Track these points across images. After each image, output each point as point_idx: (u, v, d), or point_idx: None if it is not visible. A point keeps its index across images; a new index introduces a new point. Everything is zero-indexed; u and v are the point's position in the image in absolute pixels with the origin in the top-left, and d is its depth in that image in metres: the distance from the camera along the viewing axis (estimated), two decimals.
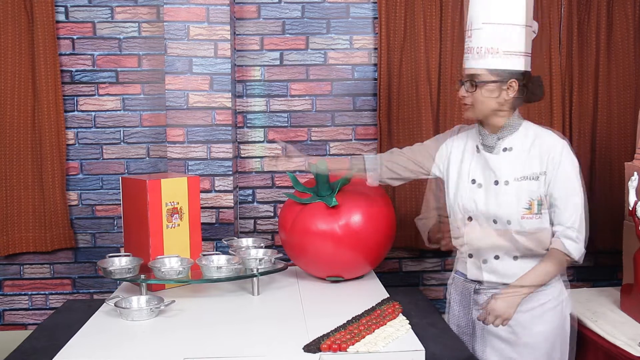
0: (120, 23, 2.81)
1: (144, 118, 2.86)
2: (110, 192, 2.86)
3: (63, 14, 2.80)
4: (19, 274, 2.85)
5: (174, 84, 2.67)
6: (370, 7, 2.86)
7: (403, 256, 2.93)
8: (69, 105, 2.83)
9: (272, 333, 1.77)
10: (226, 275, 2.09)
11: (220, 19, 2.65)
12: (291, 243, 2.30)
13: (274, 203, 2.92)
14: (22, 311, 2.87)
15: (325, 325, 1.78)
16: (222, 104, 2.69)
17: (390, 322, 1.83)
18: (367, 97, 2.89)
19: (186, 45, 2.66)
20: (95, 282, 2.88)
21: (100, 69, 2.83)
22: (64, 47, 2.81)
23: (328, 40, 2.87)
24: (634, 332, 2.04)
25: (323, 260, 2.25)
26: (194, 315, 1.94)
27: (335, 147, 2.90)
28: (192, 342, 1.70)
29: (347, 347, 1.63)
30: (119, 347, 1.68)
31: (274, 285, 2.27)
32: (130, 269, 2.08)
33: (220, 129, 2.70)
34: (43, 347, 1.75)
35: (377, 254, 2.30)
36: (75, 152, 2.85)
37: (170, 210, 2.17)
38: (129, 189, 2.24)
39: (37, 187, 2.77)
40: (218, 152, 2.70)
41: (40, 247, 2.78)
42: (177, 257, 2.13)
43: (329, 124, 2.90)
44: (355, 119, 2.90)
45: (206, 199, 2.69)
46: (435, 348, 1.72)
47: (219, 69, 2.67)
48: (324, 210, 2.22)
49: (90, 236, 2.87)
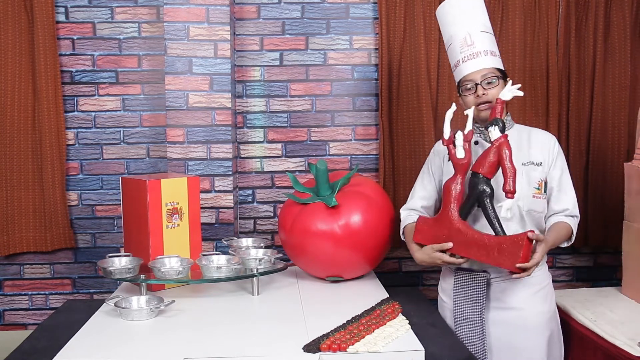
0: (120, 23, 2.82)
1: (144, 118, 2.86)
2: (110, 192, 2.87)
3: (63, 14, 2.80)
4: (19, 274, 2.86)
5: (173, 84, 2.67)
6: (370, 7, 2.86)
7: (403, 256, 2.93)
8: (69, 106, 2.83)
9: (272, 333, 1.78)
10: (226, 275, 2.10)
11: (220, 19, 2.65)
12: (291, 243, 2.30)
13: (273, 203, 2.92)
14: (22, 311, 2.87)
15: (325, 325, 1.78)
16: (222, 104, 2.69)
17: (390, 322, 1.83)
18: (366, 97, 2.90)
19: (186, 46, 2.66)
20: (95, 282, 2.88)
21: (100, 69, 2.83)
22: (64, 48, 2.81)
23: (328, 41, 2.87)
24: (633, 332, 2.05)
25: (323, 260, 2.25)
26: (194, 315, 1.94)
27: (335, 147, 2.91)
28: (192, 342, 1.71)
29: (347, 347, 1.63)
30: (119, 347, 1.69)
31: (274, 285, 2.27)
32: (130, 269, 2.08)
33: (220, 129, 2.70)
34: (43, 347, 1.75)
35: (377, 254, 2.30)
36: (75, 152, 2.85)
37: (170, 211, 2.18)
38: (129, 189, 2.24)
39: (37, 187, 2.77)
40: (218, 152, 2.71)
41: (40, 247, 2.78)
42: (177, 257, 2.14)
43: (328, 124, 2.90)
44: (355, 119, 2.90)
45: (206, 199, 2.70)
46: (435, 348, 1.72)
47: (219, 69, 2.67)
48: (323, 211, 2.22)
49: (90, 236, 2.87)
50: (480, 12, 2.09)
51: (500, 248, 1.80)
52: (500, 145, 1.86)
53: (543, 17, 2.79)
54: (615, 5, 2.80)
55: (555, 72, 2.79)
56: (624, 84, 2.82)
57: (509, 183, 1.82)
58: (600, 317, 2.20)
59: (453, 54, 2.09)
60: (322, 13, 2.86)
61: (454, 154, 1.95)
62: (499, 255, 1.80)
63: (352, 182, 2.34)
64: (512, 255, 1.77)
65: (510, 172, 1.83)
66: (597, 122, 2.83)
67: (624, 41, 2.80)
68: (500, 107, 1.93)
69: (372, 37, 2.88)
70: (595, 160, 2.84)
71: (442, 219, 1.95)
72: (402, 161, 2.83)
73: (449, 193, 1.94)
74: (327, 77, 2.88)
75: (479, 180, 1.89)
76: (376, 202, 2.27)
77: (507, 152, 1.85)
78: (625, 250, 2.42)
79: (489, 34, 2.07)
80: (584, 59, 2.83)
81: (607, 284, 2.79)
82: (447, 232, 1.92)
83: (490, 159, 1.88)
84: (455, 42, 2.07)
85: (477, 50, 2.02)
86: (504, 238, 1.81)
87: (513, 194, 1.82)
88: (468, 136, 1.94)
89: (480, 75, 1.99)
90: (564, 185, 2.02)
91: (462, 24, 2.06)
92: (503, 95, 1.94)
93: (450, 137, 1.98)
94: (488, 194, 1.88)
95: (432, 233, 1.96)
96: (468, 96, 2.02)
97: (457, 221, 1.92)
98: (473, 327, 1.97)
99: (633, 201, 2.36)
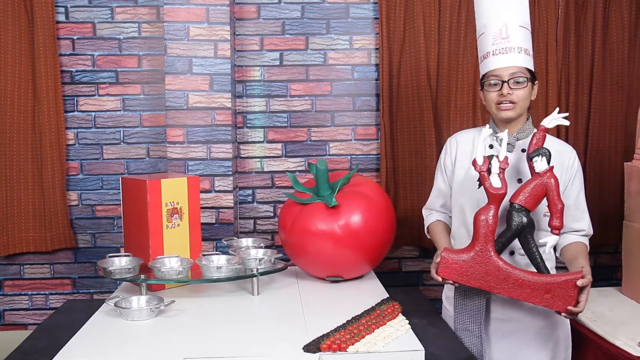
0: (120, 23, 2.82)
1: (144, 118, 2.86)
2: (110, 192, 2.87)
3: (63, 14, 2.80)
4: (19, 274, 2.86)
5: (173, 84, 2.67)
6: (370, 7, 2.86)
7: (403, 256, 2.93)
8: (69, 106, 2.83)
9: (272, 333, 1.78)
10: (226, 275, 2.10)
11: (220, 19, 2.65)
12: (291, 243, 2.30)
13: (273, 203, 2.92)
14: (22, 311, 2.87)
15: (325, 325, 1.78)
16: (222, 104, 2.69)
17: (390, 322, 1.83)
18: (366, 97, 2.90)
19: (186, 46, 2.66)
20: (95, 282, 2.88)
21: (100, 69, 2.83)
22: (64, 48, 2.81)
23: (328, 41, 2.87)
24: (633, 332, 2.05)
25: (323, 261, 2.25)
26: (194, 315, 1.94)
27: (335, 147, 2.91)
28: (192, 342, 1.71)
29: (347, 347, 1.63)
30: (119, 347, 1.68)
31: (274, 285, 2.27)
32: (130, 269, 2.08)
33: (220, 129, 2.70)
34: (43, 347, 1.75)
35: (377, 254, 2.30)
36: (76, 152, 2.85)
37: (170, 211, 2.17)
38: (129, 189, 2.24)
39: (37, 187, 2.77)
40: (218, 152, 2.71)
41: (40, 247, 2.78)
42: (177, 257, 2.13)
43: (328, 124, 2.90)
44: (355, 119, 2.90)
45: (206, 199, 2.70)
46: (435, 348, 1.72)
47: (219, 69, 2.67)
48: (323, 210, 2.22)
49: (90, 236, 2.87)
50: (523, 6, 1.92)
51: (548, 289, 1.72)
52: (549, 178, 1.75)
53: (542, 17, 2.80)
54: (613, 5, 2.81)
55: (554, 72, 2.80)
56: (622, 83, 2.83)
57: (556, 219, 1.74)
58: (600, 317, 2.20)
59: (484, 45, 1.94)
60: (322, 13, 2.86)
61: (489, 183, 1.76)
62: (550, 297, 1.71)
63: (352, 182, 2.33)
64: (565, 298, 1.70)
65: (558, 208, 1.75)
66: (596, 121, 2.83)
67: (622, 41, 2.82)
68: (543, 135, 1.80)
69: (372, 37, 2.88)
70: (593, 159, 2.85)
71: (477, 255, 1.76)
72: (402, 161, 2.83)
73: (483, 225, 1.76)
74: (327, 77, 2.89)
75: (520, 212, 1.76)
76: (376, 202, 2.27)
77: (555, 186, 1.74)
78: (625, 250, 2.42)
79: (526, 30, 1.91)
80: (583, 58, 2.84)
81: (607, 284, 2.79)
82: (484, 269, 1.75)
83: (535, 192, 1.76)
84: (488, 32, 1.91)
85: (511, 45, 1.88)
86: (552, 279, 1.72)
87: (560, 230, 1.76)
88: (504, 164, 1.78)
89: (509, 73, 1.86)
90: (581, 204, 1.94)
91: (500, 13, 1.90)
92: (547, 123, 1.81)
93: (485, 164, 1.78)
94: (531, 228, 1.77)
95: (466, 268, 1.77)
96: (491, 92, 1.89)
97: (496, 258, 1.75)
98: (473, 338, 1.93)
99: (633, 201, 2.36)
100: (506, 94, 1.86)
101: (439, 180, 2.11)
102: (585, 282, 1.69)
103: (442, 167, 2.10)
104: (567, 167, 1.91)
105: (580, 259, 1.84)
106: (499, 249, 1.78)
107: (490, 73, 1.90)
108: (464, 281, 1.78)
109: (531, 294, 1.73)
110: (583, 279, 1.69)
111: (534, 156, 1.77)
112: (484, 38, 1.93)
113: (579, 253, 1.87)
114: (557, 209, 1.75)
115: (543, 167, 1.76)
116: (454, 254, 1.79)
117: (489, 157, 1.79)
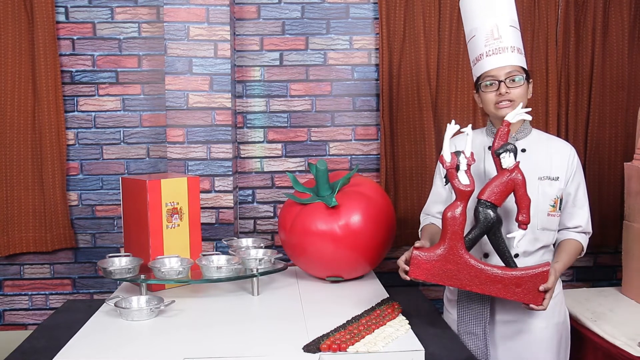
0: (120, 23, 2.82)
1: (144, 118, 2.86)
2: (110, 192, 2.87)
3: (63, 14, 2.80)
4: (19, 274, 2.86)
5: (173, 84, 2.67)
6: (370, 8, 2.86)
7: None
8: (69, 106, 2.83)
9: (272, 333, 1.78)
10: (226, 275, 2.10)
11: (220, 19, 2.65)
12: (291, 243, 2.30)
13: (273, 203, 2.92)
14: (22, 311, 2.87)
15: (325, 325, 1.78)
16: (222, 104, 2.69)
17: (390, 322, 1.83)
18: (366, 98, 2.90)
19: (186, 46, 2.66)
20: (95, 282, 2.88)
21: (100, 70, 2.83)
22: (64, 48, 2.81)
23: (328, 41, 2.87)
24: (633, 332, 2.05)
25: (323, 261, 2.25)
26: (194, 315, 1.94)
27: (335, 147, 2.91)
28: (192, 342, 1.71)
29: (347, 347, 1.63)
30: (119, 347, 1.68)
31: (274, 285, 2.27)
32: (130, 269, 2.08)
33: (220, 129, 2.70)
34: (43, 347, 1.75)
35: (377, 254, 2.30)
36: (76, 152, 2.85)
37: (170, 211, 2.18)
38: (129, 189, 2.24)
39: (37, 187, 2.77)
40: (218, 152, 2.71)
41: (40, 247, 2.78)
42: (177, 257, 2.13)
43: (328, 124, 2.90)
44: (355, 119, 2.90)
45: (206, 199, 2.70)
46: (435, 348, 1.72)
47: (219, 70, 2.67)
48: (323, 211, 2.22)
49: (90, 236, 2.87)
50: (510, 6, 1.95)
51: (518, 283, 1.73)
52: (517, 174, 1.76)
53: (542, 17, 2.80)
54: (613, 5, 2.81)
55: (554, 72, 2.80)
56: (621, 84, 2.83)
57: (523, 214, 1.75)
58: (600, 317, 2.20)
59: (475, 48, 1.95)
60: (322, 13, 2.86)
61: (457, 180, 1.76)
62: (521, 291, 1.73)
63: (352, 182, 2.34)
64: (534, 292, 1.73)
65: (525, 203, 1.75)
66: (595, 122, 2.84)
67: (622, 42, 2.82)
68: (508, 130, 1.81)
69: (372, 37, 2.88)
70: (593, 159, 2.84)
71: (447, 253, 1.75)
72: (402, 161, 2.83)
73: (451, 222, 1.75)
74: (327, 77, 2.89)
75: (487, 208, 1.76)
76: (376, 202, 2.27)
77: (522, 182, 1.75)
78: (625, 250, 2.42)
79: (516, 30, 1.93)
80: (583, 59, 2.84)
81: (607, 284, 2.79)
82: (455, 267, 1.75)
83: (502, 187, 1.76)
84: (479, 35, 1.92)
85: (504, 45, 1.88)
86: (522, 272, 1.74)
87: (527, 225, 1.77)
88: (470, 160, 1.79)
89: (505, 73, 1.87)
90: (579, 201, 1.93)
91: (490, 15, 1.91)
92: (510, 118, 1.81)
93: (452, 161, 1.78)
94: (499, 224, 1.77)
95: (438, 267, 1.76)
96: (488, 93, 1.90)
97: (466, 255, 1.75)
98: (477, 341, 1.93)
99: (633, 201, 2.36)
100: (504, 93, 1.86)
101: (438, 185, 2.11)
102: (548, 285, 1.73)
103: (440, 171, 2.09)
104: (568, 165, 1.91)
105: (561, 255, 1.89)
106: (469, 245, 1.78)
107: (485, 74, 1.91)
108: (436, 280, 1.77)
109: (502, 289, 1.75)
110: (546, 283, 1.72)
111: (500, 152, 1.77)
112: (475, 41, 1.94)
113: (563, 250, 1.91)
114: (525, 205, 1.76)
115: (510, 163, 1.76)
116: (425, 252, 1.77)
117: (457, 154, 1.79)
